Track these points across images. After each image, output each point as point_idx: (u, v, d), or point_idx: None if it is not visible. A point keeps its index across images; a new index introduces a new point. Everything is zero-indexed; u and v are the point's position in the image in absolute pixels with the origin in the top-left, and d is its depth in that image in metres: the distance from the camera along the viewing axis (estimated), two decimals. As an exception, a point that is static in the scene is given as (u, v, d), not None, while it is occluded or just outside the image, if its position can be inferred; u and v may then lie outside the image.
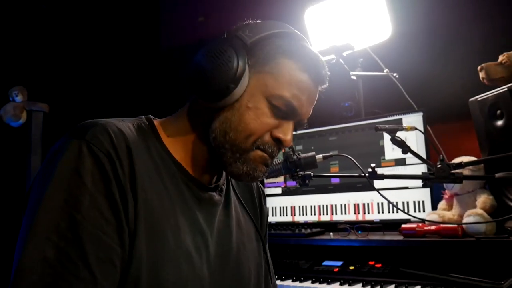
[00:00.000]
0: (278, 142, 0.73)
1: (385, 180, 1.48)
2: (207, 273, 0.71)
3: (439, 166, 1.27)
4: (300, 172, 1.44)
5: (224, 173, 0.83)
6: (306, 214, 1.88)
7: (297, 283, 1.47)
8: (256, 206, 0.93)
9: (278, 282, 1.51)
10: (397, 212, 1.68)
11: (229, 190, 0.84)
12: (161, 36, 3.01)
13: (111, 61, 2.63)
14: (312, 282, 1.46)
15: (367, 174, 1.36)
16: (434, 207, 1.59)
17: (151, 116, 0.77)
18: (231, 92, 0.69)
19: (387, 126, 1.44)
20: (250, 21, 0.77)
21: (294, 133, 0.76)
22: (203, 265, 0.71)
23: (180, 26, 2.92)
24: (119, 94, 2.58)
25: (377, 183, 1.68)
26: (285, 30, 0.76)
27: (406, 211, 1.64)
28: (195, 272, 0.69)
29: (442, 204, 1.54)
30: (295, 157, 1.46)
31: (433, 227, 1.41)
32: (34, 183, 0.62)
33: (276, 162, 1.46)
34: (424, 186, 1.30)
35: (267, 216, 1.00)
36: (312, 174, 1.43)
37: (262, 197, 0.97)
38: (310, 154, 1.49)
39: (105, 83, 2.58)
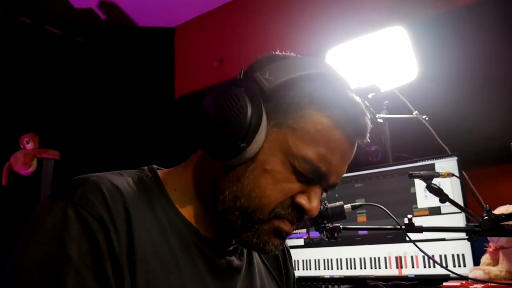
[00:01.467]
0: (300, 210, 0.60)
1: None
2: None
3: (485, 217, 1.14)
4: (328, 224, 1.32)
5: None
6: (332, 268, 1.73)
7: None
8: (281, 267, 0.80)
9: None
10: (434, 267, 1.52)
11: (251, 252, 0.71)
12: (175, 83, 2.96)
13: (124, 109, 2.59)
14: None
15: (403, 226, 1.23)
16: (476, 262, 1.44)
17: (155, 166, 0.65)
18: (242, 151, 0.56)
19: (422, 172, 1.32)
20: (274, 56, 0.63)
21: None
22: None
23: (195, 71, 2.88)
24: (132, 143, 2.52)
25: (411, 234, 1.54)
26: (317, 70, 0.62)
27: (444, 265, 1.49)
28: None
29: (485, 259, 1.39)
30: (321, 207, 1.35)
31: (479, 286, 1.25)
32: (11, 254, 0.50)
33: (301, 213, 1.34)
34: (468, 240, 1.17)
35: (294, 277, 0.86)
36: (341, 226, 1.30)
37: (288, 258, 0.84)
38: (337, 204, 1.37)
39: (118, 131, 2.52)
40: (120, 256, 0.50)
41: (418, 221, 1.51)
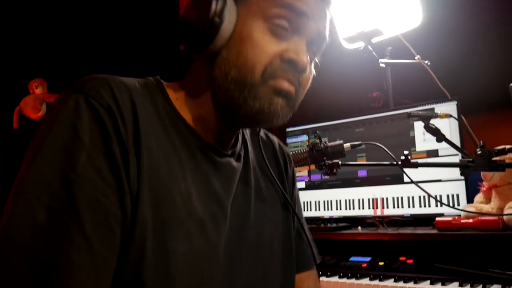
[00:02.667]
0: (292, 65, 0.62)
1: (417, 172, 1.40)
2: (224, 245, 0.64)
3: (479, 153, 1.18)
4: (327, 161, 1.37)
5: (240, 139, 0.75)
6: (331, 209, 1.80)
7: (323, 278, 1.39)
8: (282, 169, 0.84)
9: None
10: (429, 206, 1.58)
11: (247, 156, 0.76)
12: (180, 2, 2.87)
13: (132, 44, 2.56)
14: (340, 277, 1.38)
15: (399, 163, 1.28)
16: (470, 201, 1.50)
17: (159, 77, 0.69)
18: (217, 29, 0.60)
19: (420, 112, 1.36)
20: None
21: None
22: (220, 236, 0.64)
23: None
24: (140, 73, 2.52)
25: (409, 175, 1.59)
26: None
27: (440, 204, 1.55)
28: (209, 243, 0.61)
29: (479, 197, 1.45)
30: (321, 145, 1.40)
31: (470, 220, 1.32)
32: (30, 144, 0.56)
33: (302, 151, 1.39)
34: (462, 174, 1.21)
35: (295, 178, 0.90)
36: (340, 163, 1.35)
37: (288, 160, 0.87)
38: (337, 142, 1.42)
39: (126, 67, 2.53)
40: (127, 142, 0.55)
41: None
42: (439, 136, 1.31)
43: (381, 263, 1.42)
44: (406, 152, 1.27)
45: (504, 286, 1.10)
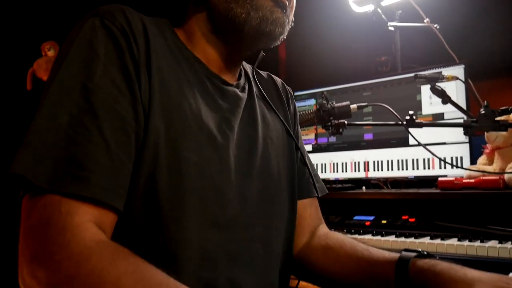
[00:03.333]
0: None
1: (422, 135, 1.43)
2: (233, 162, 0.68)
3: (482, 112, 1.21)
4: (334, 121, 1.40)
5: (243, 74, 0.80)
6: (337, 172, 1.84)
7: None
8: (284, 104, 0.89)
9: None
10: (433, 168, 1.62)
11: (251, 89, 0.80)
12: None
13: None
14: (343, 233, 1.43)
15: (404, 122, 1.31)
16: (473, 163, 1.52)
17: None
18: None
19: (426, 73, 1.38)
20: None
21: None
22: (229, 153, 0.68)
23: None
24: None
25: (412, 139, 1.62)
26: None
27: (444, 167, 1.58)
28: (219, 156, 0.66)
29: (482, 159, 1.48)
30: (328, 106, 1.43)
31: (472, 180, 1.35)
32: (54, 61, 0.62)
33: (309, 111, 1.42)
34: (465, 133, 1.23)
35: (297, 116, 0.96)
36: (346, 122, 1.38)
37: (290, 96, 0.93)
38: (344, 103, 1.44)
39: None
40: (139, 59, 0.60)
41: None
42: (445, 98, 1.33)
43: (384, 221, 1.47)
44: (411, 112, 1.30)
45: (501, 241, 1.14)
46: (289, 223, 0.81)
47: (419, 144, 1.32)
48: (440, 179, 1.42)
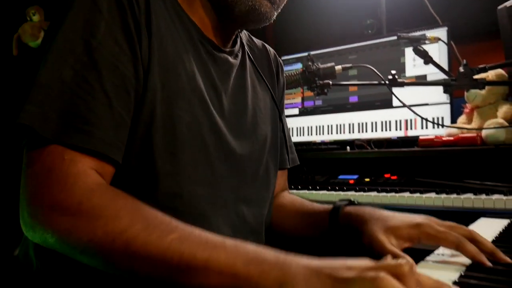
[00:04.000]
0: None
1: (405, 96, 1.47)
2: (223, 123, 0.72)
3: (461, 71, 1.25)
4: (319, 81, 1.43)
5: (238, 41, 0.82)
6: (323, 134, 1.89)
7: (313, 191, 1.50)
8: (273, 75, 0.93)
9: (295, 191, 1.54)
10: (415, 128, 1.67)
11: (244, 57, 0.83)
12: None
13: None
14: (328, 191, 1.49)
15: (387, 82, 1.34)
16: (454, 123, 1.58)
17: None
18: None
19: (409, 35, 1.41)
20: None
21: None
22: (220, 116, 0.71)
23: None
24: None
25: (396, 100, 1.67)
26: None
27: (425, 127, 1.63)
28: (210, 118, 0.69)
29: (462, 118, 1.53)
30: (314, 67, 1.45)
31: (451, 138, 1.41)
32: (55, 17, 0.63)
33: (295, 72, 1.45)
34: (445, 91, 1.28)
35: (284, 86, 0.99)
36: (330, 83, 1.42)
37: (280, 68, 0.96)
38: (329, 64, 1.47)
39: None
40: (140, 19, 0.62)
41: (405, 88, 1.63)
42: (427, 59, 1.36)
43: (367, 180, 1.53)
44: (393, 72, 1.34)
45: (476, 193, 1.20)
46: (272, 188, 0.86)
47: (403, 105, 1.36)
48: (421, 137, 1.47)
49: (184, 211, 0.64)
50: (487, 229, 0.78)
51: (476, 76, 1.23)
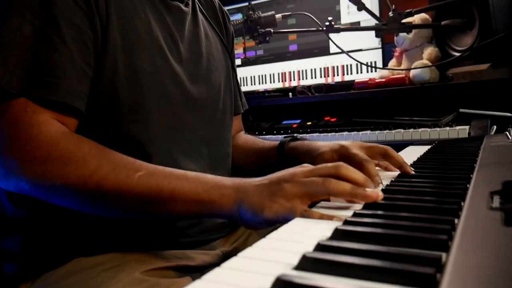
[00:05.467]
0: None
1: (341, 42, 1.55)
2: (181, 70, 0.76)
3: (391, 15, 1.35)
4: (261, 30, 1.48)
5: None
6: (266, 83, 1.96)
7: (259, 137, 1.58)
8: (221, 24, 0.97)
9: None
10: (351, 73, 1.78)
11: (195, 6, 0.86)
12: None
13: None
14: (274, 135, 1.58)
15: (324, 28, 1.42)
16: (386, 66, 1.70)
17: None
18: None
19: (343, -19, 1.48)
20: None
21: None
22: (177, 63, 0.75)
23: None
24: None
25: (333, 47, 1.76)
26: None
27: (360, 71, 1.75)
28: (169, 66, 0.73)
29: (392, 62, 1.65)
30: (255, 16, 1.50)
31: (383, 80, 1.53)
32: None
33: (237, 21, 1.49)
34: (376, 35, 1.38)
35: (233, 36, 1.04)
36: (272, 30, 1.47)
37: (226, 17, 1.00)
38: (269, 13, 1.53)
39: None
40: None
41: (341, 35, 1.72)
42: (360, 5, 1.45)
43: (309, 123, 1.63)
44: (330, 18, 1.41)
45: (405, 128, 1.33)
46: (229, 130, 0.92)
47: (340, 52, 1.45)
48: (356, 80, 1.58)
49: (154, 155, 0.68)
50: (412, 153, 0.89)
51: (403, 21, 1.34)
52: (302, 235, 0.41)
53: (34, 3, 0.59)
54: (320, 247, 0.34)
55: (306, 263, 0.32)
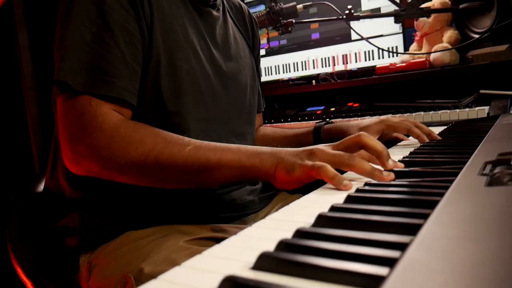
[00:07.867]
0: None
1: (362, 29, 1.60)
2: (212, 70, 0.84)
3: (409, 1, 1.39)
4: (283, 21, 1.55)
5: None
6: (290, 71, 2.02)
7: (285, 124, 1.66)
8: (248, 29, 1.05)
9: (268, 126, 1.69)
10: (373, 59, 1.82)
11: (225, 11, 0.95)
12: None
13: None
14: (299, 121, 1.65)
15: (344, 16, 1.47)
16: (407, 51, 1.74)
17: None
18: None
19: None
20: None
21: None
22: (208, 63, 0.84)
23: None
24: None
25: (354, 34, 1.80)
26: None
27: (382, 57, 1.79)
28: (202, 66, 0.82)
29: (413, 46, 1.68)
30: (277, 7, 1.56)
31: (404, 64, 1.57)
32: None
33: (260, 13, 1.56)
34: (396, 21, 1.42)
35: (259, 41, 1.12)
36: (293, 21, 1.54)
37: (254, 23, 1.09)
38: (290, 4, 1.59)
39: None
40: None
41: (361, 22, 1.77)
42: (379, -8, 1.49)
43: (332, 109, 1.69)
44: (349, 7, 1.46)
45: (426, 110, 1.38)
46: (254, 126, 1.01)
47: (361, 38, 1.50)
48: (377, 66, 1.63)
49: None
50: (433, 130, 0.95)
51: (422, 6, 1.38)
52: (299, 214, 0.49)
53: (91, 13, 0.68)
54: (332, 208, 0.42)
55: (321, 220, 0.39)
